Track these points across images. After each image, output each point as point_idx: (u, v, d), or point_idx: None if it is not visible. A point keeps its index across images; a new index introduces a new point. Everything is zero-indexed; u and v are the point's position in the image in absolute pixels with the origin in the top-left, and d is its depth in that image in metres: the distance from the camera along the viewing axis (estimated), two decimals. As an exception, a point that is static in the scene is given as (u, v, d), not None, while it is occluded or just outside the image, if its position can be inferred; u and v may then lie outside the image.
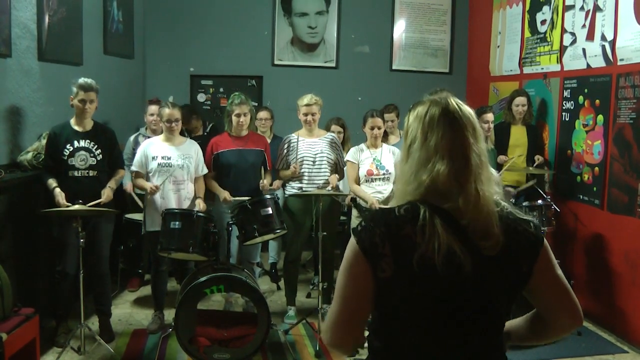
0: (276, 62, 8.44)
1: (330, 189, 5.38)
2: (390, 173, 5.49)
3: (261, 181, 5.39)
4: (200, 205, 5.19)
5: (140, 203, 5.81)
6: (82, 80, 4.88)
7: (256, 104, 7.64)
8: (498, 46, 7.86)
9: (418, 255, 1.60)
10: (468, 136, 1.71)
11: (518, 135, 6.47)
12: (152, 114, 6.21)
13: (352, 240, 1.70)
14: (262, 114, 6.63)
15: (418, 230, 1.62)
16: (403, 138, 1.82)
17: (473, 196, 1.65)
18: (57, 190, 4.77)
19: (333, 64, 8.53)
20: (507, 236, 1.67)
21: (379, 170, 5.48)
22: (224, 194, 5.28)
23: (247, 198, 5.12)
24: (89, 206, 4.65)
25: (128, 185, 6.14)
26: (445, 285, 1.63)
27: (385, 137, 5.88)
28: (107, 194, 4.95)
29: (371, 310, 1.72)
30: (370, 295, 1.67)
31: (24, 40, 5.15)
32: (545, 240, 1.76)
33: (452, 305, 1.65)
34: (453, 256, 1.60)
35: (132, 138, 6.33)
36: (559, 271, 1.78)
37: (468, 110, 1.76)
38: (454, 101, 1.76)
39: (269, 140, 6.00)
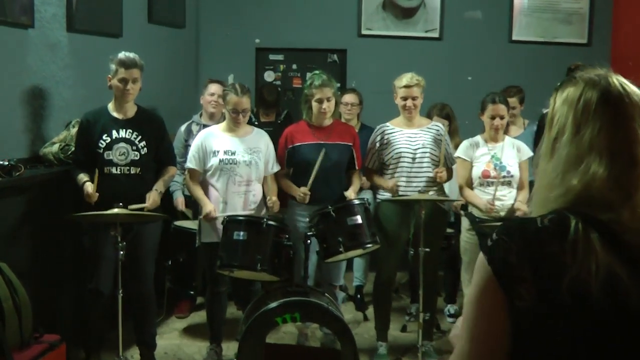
0: (364, 32, 8.44)
1: (432, 193, 5.33)
2: (512, 175, 5.40)
3: (346, 192, 5.36)
4: (274, 205, 5.18)
5: (191, 218, 5.86)
6: (122, 54, 4.94)
7: (339, 85, 7.63)
8: (656, 8, 7.63)
9: (568, 279, 1.53)
10: (636, 129, 1.64)
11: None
12: (212, 94, 6.29)
13: (482, 260, 1.64)
14: (348, 98, 6.65)
15: (568, 247, 1.55)
16: (547, 128, 1.76)
17: None
18: (88, 183, 4.82)
19: (436, 34, 8.47)
20: None
21: (498, 172, 5.39)
22: (300, 191, 5.24)
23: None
24: (131, 210, 4.70)
25: (178, 201, 6.22)
26: (603, 320, 1.55)
27: (505, 128, 5.77)
28: (152, 198, 4.98)
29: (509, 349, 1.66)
30: (508, 332, 1.61)
31: (49, 7, 5.25)
32: None
33: (613, 346, 1.57)
34: (615, 283, 1.53)
35: (183, 128, 6.39)
36: None
37: (638, 93, 1.69)
38: (617, 81, 1.69)
39: (356, 131, 5.96)
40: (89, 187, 4.78)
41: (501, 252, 1.61)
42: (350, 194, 5.34)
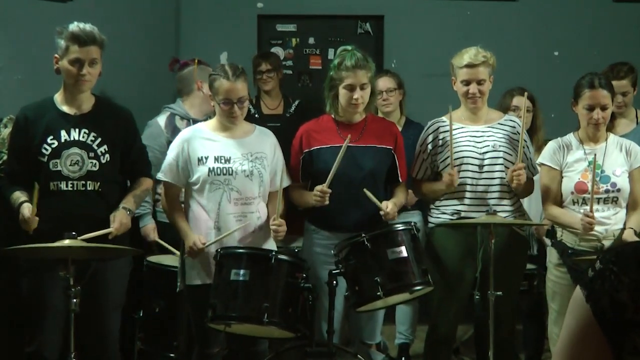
0: (407, -8, 8.51)
1: (507, 215, 5.33)
2: (618, 189, 5.39)
3: (383, 205, 5.28)
4: (278, 229, 5.14)
5: (174, 250, 5.86)
6: (74, 26, 4.94)
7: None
8: None
9: None
10: None
11: None
12: None
13: (579, 296, 1.67)
14: (385, 83, 6.66)
15: None
16: None
17: None
18: (25, 204, 4.81)
19: (509, -7, 8.52)
20: None
21: (600, 184, 5.37)
22: (317, 191, 5.16)
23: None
24: (87, 240, 4.66)
25: (148, 229, 6.25)
26: None
27: (610, 122, 5.75)
28: (119, 219, 4.96)
29: None
30: None
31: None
32: None
33: None
34: None
35: (163, 122, 6.35)
36: None
37: None
38: None
39: (399, 128, 6.00)
40: (26, 210, 4.76)
41: (607, 287, 1.61)
42: (387, 210, 5.23)
